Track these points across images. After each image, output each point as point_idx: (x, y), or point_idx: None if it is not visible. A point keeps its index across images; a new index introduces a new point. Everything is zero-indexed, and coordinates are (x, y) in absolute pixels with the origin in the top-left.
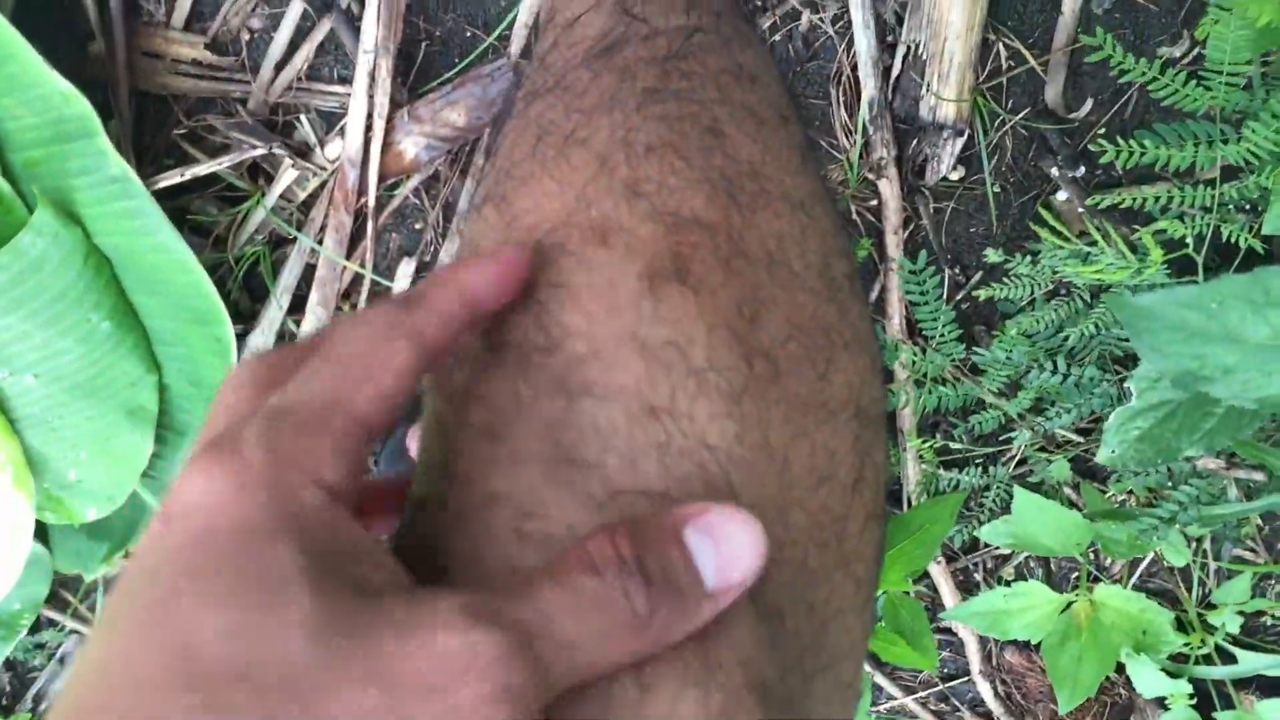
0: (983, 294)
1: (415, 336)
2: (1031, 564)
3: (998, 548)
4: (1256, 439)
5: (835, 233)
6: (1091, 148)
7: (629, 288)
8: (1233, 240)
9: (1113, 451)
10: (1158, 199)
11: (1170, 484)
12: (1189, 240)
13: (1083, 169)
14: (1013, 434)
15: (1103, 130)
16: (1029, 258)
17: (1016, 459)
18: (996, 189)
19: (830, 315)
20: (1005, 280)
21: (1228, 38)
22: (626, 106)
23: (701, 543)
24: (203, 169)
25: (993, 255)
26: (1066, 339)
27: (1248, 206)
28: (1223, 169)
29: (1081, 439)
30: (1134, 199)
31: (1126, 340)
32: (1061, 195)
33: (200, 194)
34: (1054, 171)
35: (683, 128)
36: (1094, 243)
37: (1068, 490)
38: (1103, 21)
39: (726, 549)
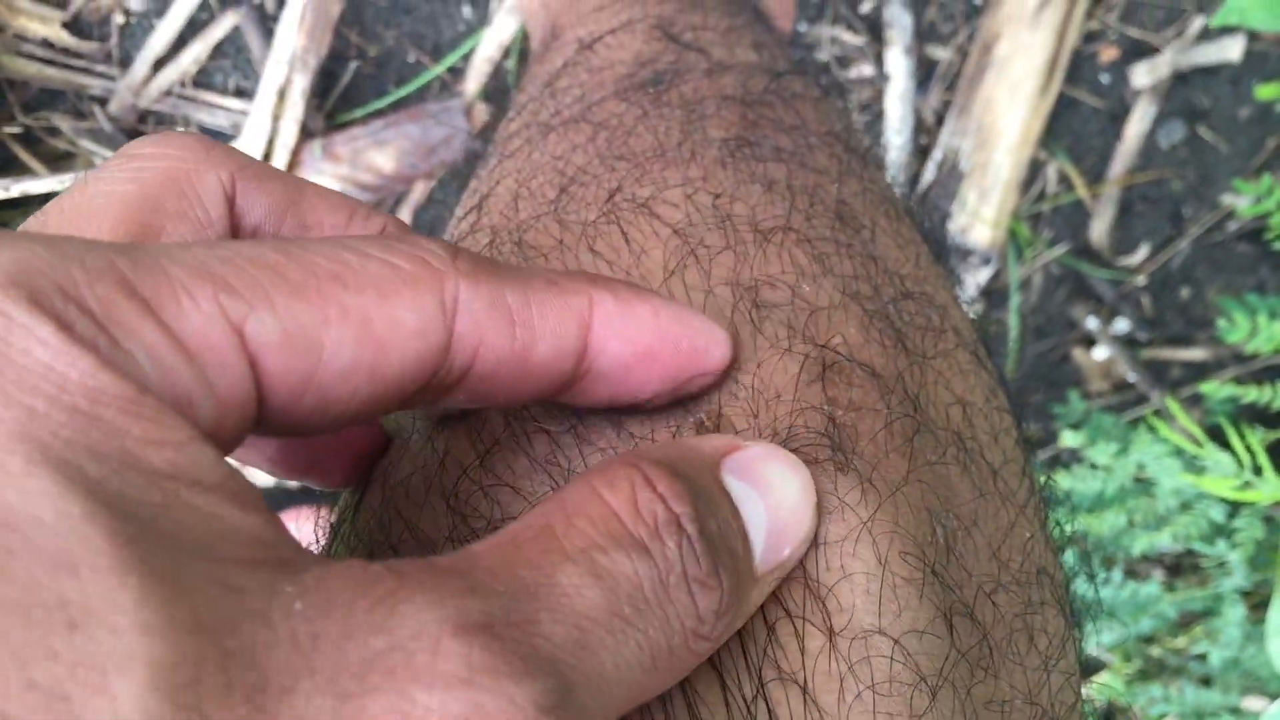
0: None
1: None
2: None
3: None
4: None
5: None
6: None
7: None
8: None
9: None
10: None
11: None
12: None
13: (1126, 323)
14: None
15: (1144, 280)
16: (1113, 446)
17: None
18: (1015, 331)
19: (1046, 552)
20: (1073, 469)
21: None
22: (705, 159)
23: (747, 495)
24: (38, 185)
25: (1070, 439)
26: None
27: None
28: None
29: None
30: (1262, 396)
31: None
32: (1099, 352)
33: (27, 210)
34: (1090, 323)
35: (805, 206)
36: (1200, 444)
37: None
38: (1166, 157)
39: (776, 505)
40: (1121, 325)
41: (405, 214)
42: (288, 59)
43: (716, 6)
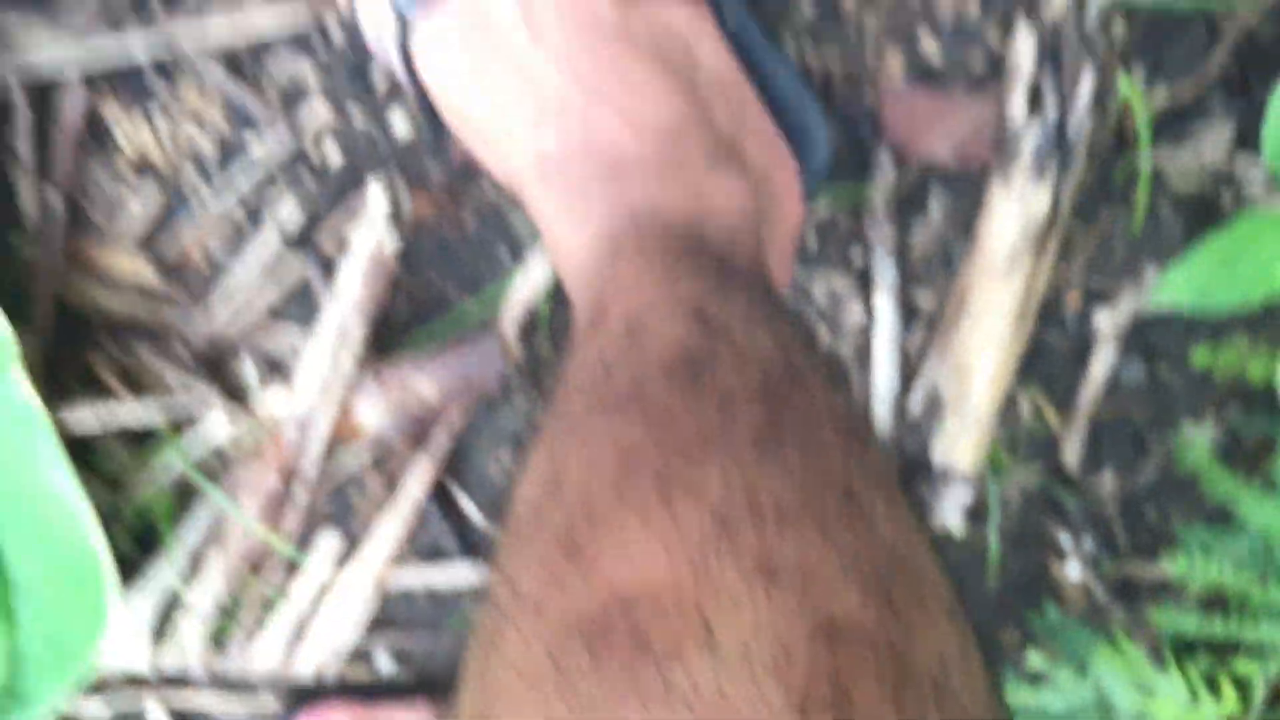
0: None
1: None
2: None
3: None
4: None
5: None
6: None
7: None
8: None
9: None
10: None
11: None
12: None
13: (1091, 541)
14: None
15: (1111, 503)
16: (1074, 668)
17: None
18: (994, 548)
19: None
20: (1034, 687)
21: None
22: (740, 453)
23: None
24: (127, 414)
25: (1036, 660)
26: None
27: None
28: None
29: None
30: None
31: None
32: (1072, 568)
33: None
34: (1065, 540)
35: (818, 491)
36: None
37: None
38: (1128, 392)
39: None
40: (1091, 544)
41: (444, 439)
42: (348, 306)
43: (736, 286)
